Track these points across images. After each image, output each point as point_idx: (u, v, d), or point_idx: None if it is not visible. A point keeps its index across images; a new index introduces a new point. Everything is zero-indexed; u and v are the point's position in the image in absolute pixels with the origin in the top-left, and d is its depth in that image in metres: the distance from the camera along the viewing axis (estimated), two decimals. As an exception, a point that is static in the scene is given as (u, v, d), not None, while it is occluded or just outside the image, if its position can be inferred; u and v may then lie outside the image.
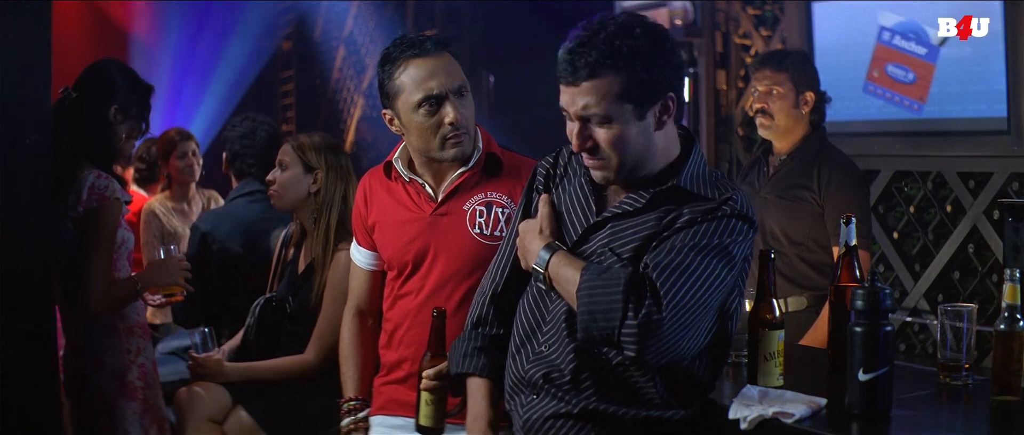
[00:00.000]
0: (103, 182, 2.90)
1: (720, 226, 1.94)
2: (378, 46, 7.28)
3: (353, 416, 2.60)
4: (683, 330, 1.88)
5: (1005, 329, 2.03)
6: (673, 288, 1.87)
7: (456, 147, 2.39)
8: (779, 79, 3.33)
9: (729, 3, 5.07)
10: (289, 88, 8.30)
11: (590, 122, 1.96)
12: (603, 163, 1.99)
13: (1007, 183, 3.99)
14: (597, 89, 1.93)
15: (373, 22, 7.45)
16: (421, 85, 2.36)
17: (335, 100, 7.98)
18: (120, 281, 2.98)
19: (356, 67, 7.74)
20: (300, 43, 8.11)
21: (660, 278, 1.88)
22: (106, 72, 3.04)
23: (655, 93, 1.96)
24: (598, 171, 2.01)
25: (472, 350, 2.18)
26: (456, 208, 2.44)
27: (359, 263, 2.64)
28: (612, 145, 1.97)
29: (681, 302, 1.87)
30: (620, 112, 1.95)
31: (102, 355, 2.98)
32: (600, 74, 1.93)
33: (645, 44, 1.94)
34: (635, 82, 1.93)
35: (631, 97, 1.94)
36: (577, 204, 2.08)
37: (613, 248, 1.99)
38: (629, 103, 1.94)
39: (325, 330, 3.05)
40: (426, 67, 2.37)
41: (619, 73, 1.92)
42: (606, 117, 1.95)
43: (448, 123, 2.37)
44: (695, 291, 1.89)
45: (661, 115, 1.98)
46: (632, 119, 1.96)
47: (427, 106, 2.37)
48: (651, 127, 1.98)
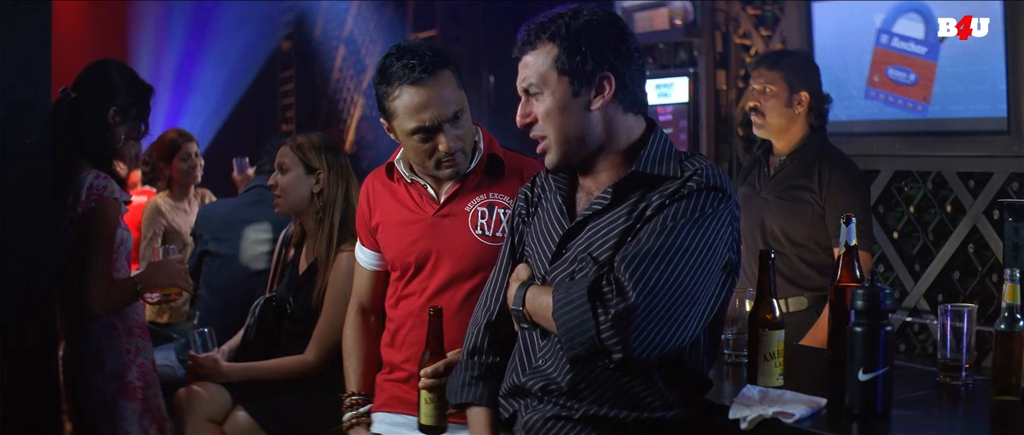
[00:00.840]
0: (102, 182, 2.90)
1: (689, 204, 1.92)
2: (378, 46, 7.29)
3: (355, 410, 2.62)
4: (664, 314, 1.85)
5: (1005, 329, 2.04)
6: (643, 275, 1.85)
7: (450, 168, 2.41)
8: (772, 78, 3.34)
9: (729, 3, 5.07)
10: (289, 88, 8.30)
11: (530, 96, 2.02)
12: (544, 140, 2.03)
13: (1007, 183, 3.99)
14: (534, 59, 2.01)
15: (373, 22, 7.45)
16: (414, 116, 2.35)
17: (335, 100, 7.98)
18: (120, 281, 2.98)
19: (356, 67, 7.74)
20: (300, 43, 8.11)
21: (628, 269, 1.86)
22: (106, 73, 3.04)
23: (589, 69, 1.98)
24: (543, 152, 2.04)
25: (470, 380, 2.19)
26: (458, 209, 2.45)
27: (363, 263, 2.65)
28: (547, 117, 2.00)
29: (654, 286, 1.85)
30: (555, 84, 1.99)
31: (101, 355, 2.98)
32: (538, 45, 2.00)
33: (588, 21, 1.99)
34: (571, 55, 1.97)
35: (566, 70, 1.98)
36: (551, 217, 2.09)
37: (590, 252, 1.98)
38: (565, 75, 1.98)
39: (325, 331, 3.05)
40: (420, 97, 2.34)
41: (556, 43, 1.98)
42: (541, 86, 1.99)
43: (441, 150, 2.38)
44: (669, 272, 1.86)
45: (596, 94, 1.99)
46: (568, 93, 1.99)
47: (420, 135, 2.37)
48: (585, 105, 2.00)
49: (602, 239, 1.98)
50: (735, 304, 2.48)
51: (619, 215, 1.99)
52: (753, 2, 4.99)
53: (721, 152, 5.14)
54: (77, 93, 2.99)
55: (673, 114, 5.20)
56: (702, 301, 1.91)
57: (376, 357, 2.65)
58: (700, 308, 1.91)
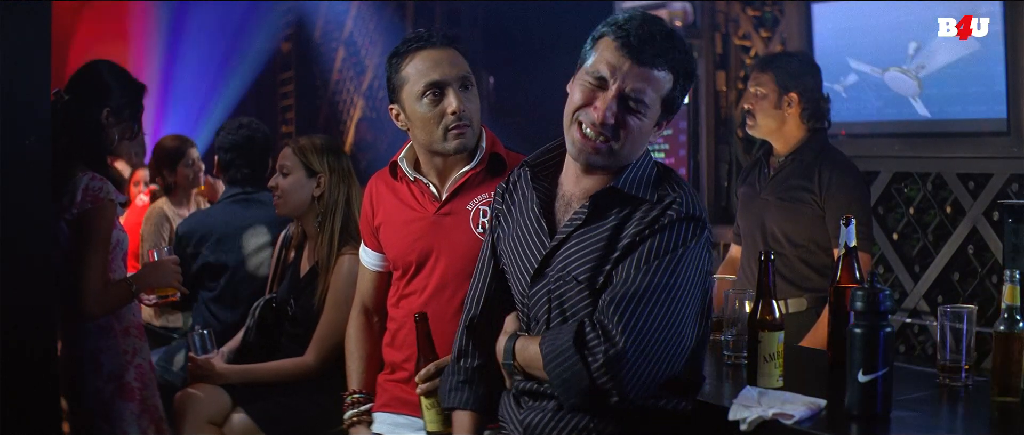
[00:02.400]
0: (97, 183, 2.90)
1: (666, 237, 1.93)
2: (378, 47, 7.30)
3: (356, 409, 2.62)
4: (654, 354, 1.88)
5: (1005, 330, 2.04)
6: (629, 318, 1.87)
7: (458, 139, 2.40)
8: (763, 80, 3.36)
9: (729, 4, 5.07)
10: (289, 89, 8.31)
11: (628, 102, 1.96)
12: (610, 146, 1.97)
13: (1007, 184, 3.99)
14: (657, 81, 1.96)
15: (373, 24, 7.45)
16: (425, 75, 2.39)
17: (335, 101, 7.98)
18: (116, 283, 2.98)
19: (356, 68, 7.75)
20: (300, 44, 8.12)
21: (614, 315, 1.88)
22: (98, 74, 3.03)
23: (675, 111, 2.02)
24: (596, 154, 1.98)
25: (456, 384, 2.21)
26: (459, 208, 2.45)
27: (366, 264, 2.66)
28: (633, 135, 1.97)
29: (641, 328, 1.87)
30: (654, 112, 1.98)
31: (99, 356, 2.98)
32: (665, 69, 1.96)
33: (692, 66, 2.01)
34: (676, 93, 1.99)
35: (666, 104, 1.99)
36: (530, 229, 2.09)
37: (569, 271, 1.99)
38: (662, 108, 1.99)
39: (325, 334, 3.05)
40: (431, 58, 2.40)
41: (674, 78, 1.97)
42: (647, 107, 1.96)
43: (450, 112, 2.38)
44: (654, 313, 1.88)
45: (660, 128, 2.03)
46: (652, 122, 1.99)
47: (430, 95, 2.38)
48: (651, 136, 2.02)
49: (581, 258, 1.99)
50: (735, 305, 2.48)
51: (599, 233, 1.98)
52: (753, 3, 5.00)
53: (721, 153, 5.15)
54: (70, 95, 2.99)
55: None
56: (687, 333, 1.94)
57: (378, 357, 2.66)
58: (686, 340, 1.94)
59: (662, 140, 5.24)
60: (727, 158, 5.13)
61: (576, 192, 2.06)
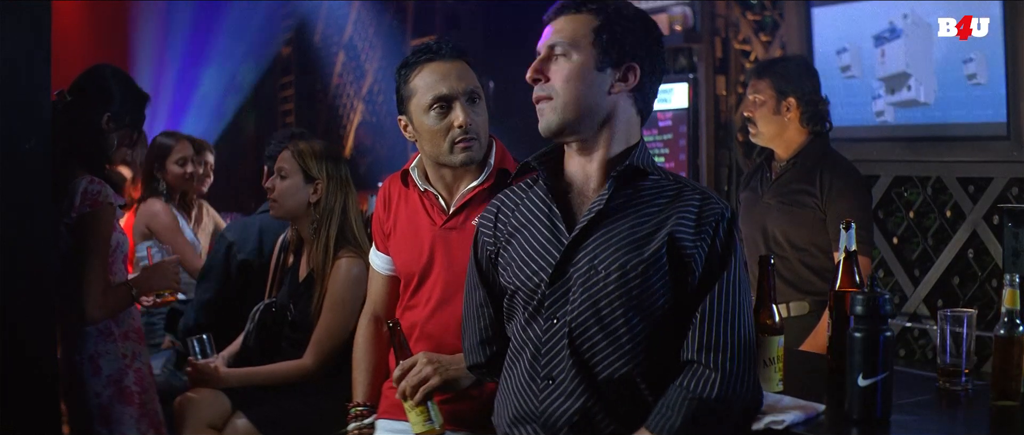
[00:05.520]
0: (96, 187, 2.90)
1: (723, 242, 1.91)
2: (378, 51, 7.30)
3: (359, 422, 2.60)
4: (749, 358, 1.89)
5: (1004, 334, 2.03)
6: (721, 345, 1.87)
7: (465, 152, 2.40)
8: (760, 87, 3.36)
9: (729, 8, 5.07)
10: (289, 93, 8.31)
11: (552, 59, 1.96)
12: (549, 99, 1.95)
13: (1007, 188, 3.99)
14: (570, 22, 1.96)
15: (373, 27, 7.46)
16: (432, 87, 2.39)
17: (335, 105, 7.99)
18: (116, 286, 2.98)
19: (356, 72, 7.75)
20: (300, 48, 8.13)
21: (708, 356, 1.87)
22: (102, 78, 3.04)
23: (623, 52, 1.95)
24: (542, 112, 1.96)
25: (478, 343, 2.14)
26: (464, 224, 2.44)
27: (377, 268, 2.62)
28: (565, 79, 1.94)
29: (734, 344, 1.88)
30: (585, 51, 1.94)
31: (98, 360, 2.98)
32: (580, 13, 1.97)
33: (634, 13, 1.98)
34: (609, 31, 1.94)
35: (600, 43, 1.94)
36: (541, 229, 2.00)
37: (596, 266, 1.91)
38: (597, 47, 1.94)
39: (323, 337, 3.05)
40: (439, 70, 2.40)
41: (598, 17, 1.95)
42: (569, 47, 1.94)
43: (457, 126, 2.38)
44: (739, 324, 1.90)
45: (619, 79, 1.96)
46: (593, 64, 1.94)
47: (437, 108, 2.38)
48: (605, 85, 1.95)
49: (610, 250, 1.91)
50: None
51: (622, 222, 1.92)
52: (753, 7, 5.00)
53: (721, 158, 5.15)
54: (72, 97, 2.99)
55: (673, 120, 5.20)
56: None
57: (385, 367, 2.62)
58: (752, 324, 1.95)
59: (662, 144, 5.25)
60: (727, 162, 5.13)
61: (583, 179, 2.00)
